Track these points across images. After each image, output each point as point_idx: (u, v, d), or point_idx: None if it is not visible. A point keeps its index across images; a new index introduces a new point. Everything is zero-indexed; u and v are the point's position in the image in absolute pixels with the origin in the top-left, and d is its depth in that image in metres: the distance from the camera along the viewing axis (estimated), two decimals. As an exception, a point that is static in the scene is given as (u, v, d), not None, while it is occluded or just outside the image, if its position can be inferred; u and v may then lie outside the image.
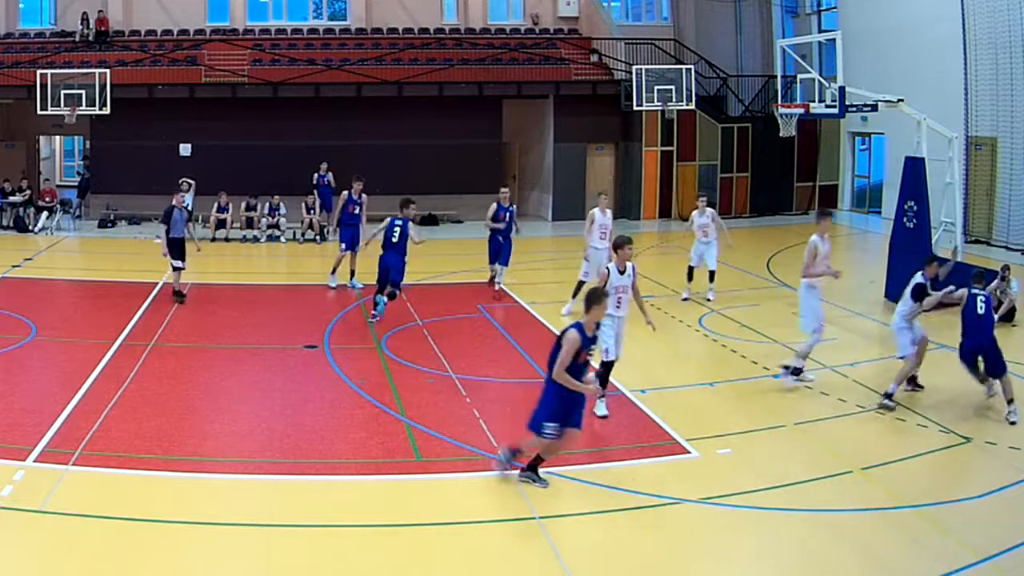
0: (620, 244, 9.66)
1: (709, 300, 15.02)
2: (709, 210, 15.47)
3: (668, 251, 21.02)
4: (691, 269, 15.40)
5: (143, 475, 7.99)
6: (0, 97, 24.18)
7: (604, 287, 8.65)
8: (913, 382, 10.64)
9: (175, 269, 14.73)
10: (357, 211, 15.93)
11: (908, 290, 10.58)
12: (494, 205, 15.70)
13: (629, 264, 9.63)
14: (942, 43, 21.07)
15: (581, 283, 13.83)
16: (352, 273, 16.00)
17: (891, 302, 14.78)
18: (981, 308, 10.18)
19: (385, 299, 13.33)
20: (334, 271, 16.07)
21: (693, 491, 7.84)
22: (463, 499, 7.84)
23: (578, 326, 7.58)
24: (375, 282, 13.76)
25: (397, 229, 13.45)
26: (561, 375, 7.49)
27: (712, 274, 15.27)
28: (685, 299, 15.08)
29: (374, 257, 13.92)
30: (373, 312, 13.42)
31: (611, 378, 10.88)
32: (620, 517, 7.33)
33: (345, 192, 16.07)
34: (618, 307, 9.59)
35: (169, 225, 14.63)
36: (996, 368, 9.89)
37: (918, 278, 10.51)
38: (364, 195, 16.11)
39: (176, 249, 14.71)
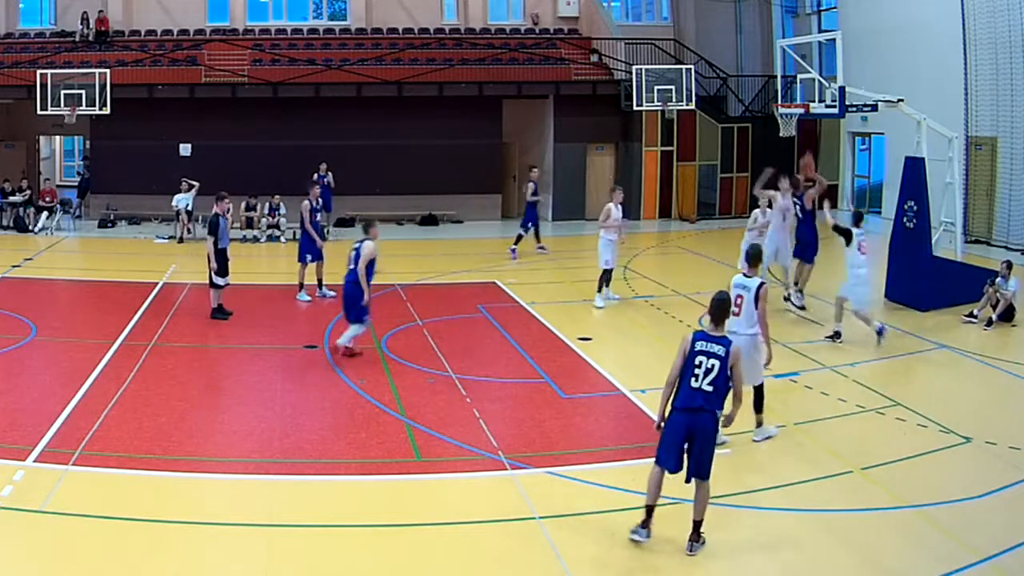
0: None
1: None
2: (771, 211, 14.50)
3: (668, 251, 21.04)
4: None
5: (143, 475, 7.99)
6: (0, 97, 24.18)
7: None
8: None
9: (215, 287, 13.68)
10: (319, 217, 15.60)
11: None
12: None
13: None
14: (942, 43, 21.06)
15: (605, 272, 14.63)
16: (320, 283, 15.16)
17: (891, 302, 14.83)
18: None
19: (348, 336, 11.71)
20: (302, 286, 15.07)
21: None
22: (463, 499, 7.84)
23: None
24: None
25: (353, 254, 11.61)
26: None
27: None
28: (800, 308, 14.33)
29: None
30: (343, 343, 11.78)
31: (610, 377, 10.94)
32: (620, 517, 7.32)
33: (306, 201, 15.29)
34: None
35: (217, 236, 13.63)
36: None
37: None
38: (321, 198, 15.95)
39: (223, 262, 13.72)
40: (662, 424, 6.94)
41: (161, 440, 8.78)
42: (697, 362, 6.75)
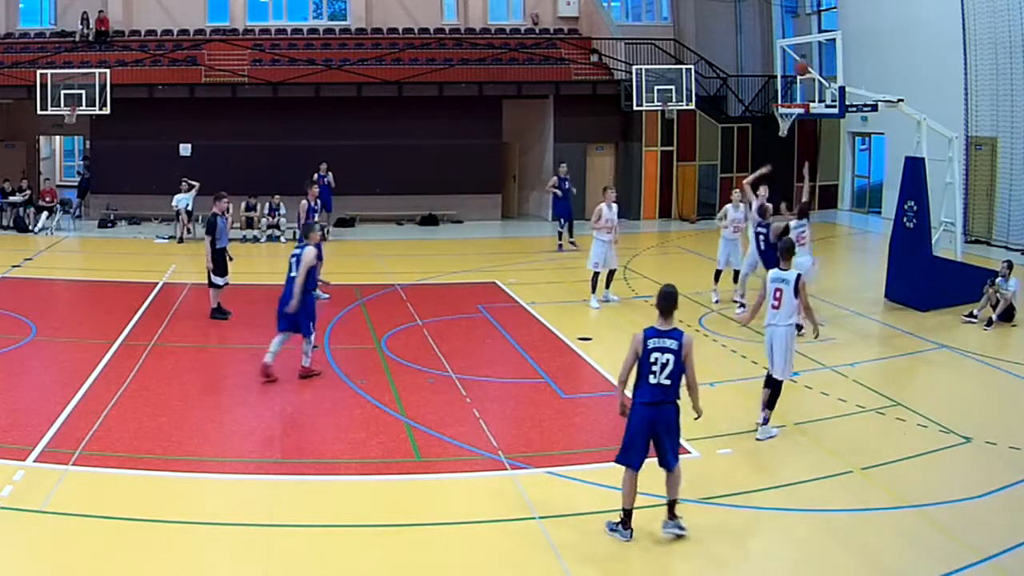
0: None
1: (736, 303, 14.46)
2: (743, 205, 14.85)
3: (668, 251, 21.03)
4: (718, 272, 14.99)
5: (143, 475, 8.00)
6: (0, 97, 24.17)
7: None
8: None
9: (214, 286, 13.65)
10: (316, 217, 15.42)
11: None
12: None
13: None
14: (942, 43, 21.06)
15: (596, 275, 14.53)
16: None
17: (891, 302, 14.82)
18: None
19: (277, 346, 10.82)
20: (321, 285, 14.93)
21: (693, 491, 7.83)
22: (463, 499, 7.84)
23: None
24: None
25: (293, 260, 10.78)
26: None
27: (737, 274, 14.69)
28: (716, 302, 14.77)
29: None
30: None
31: (610, 378, 10.91)
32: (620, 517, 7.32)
33: (304, 202, 15.41)
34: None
35: (215, 235, 13.61)
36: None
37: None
38: (321, 198, 15.76)
39: (221, 262, 13.70)
40: (626, 411, 7.08)
41: (161, 440, 8.78)
42: (652, 359, 6.87)
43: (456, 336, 13.02)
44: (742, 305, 13.98)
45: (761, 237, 13.51)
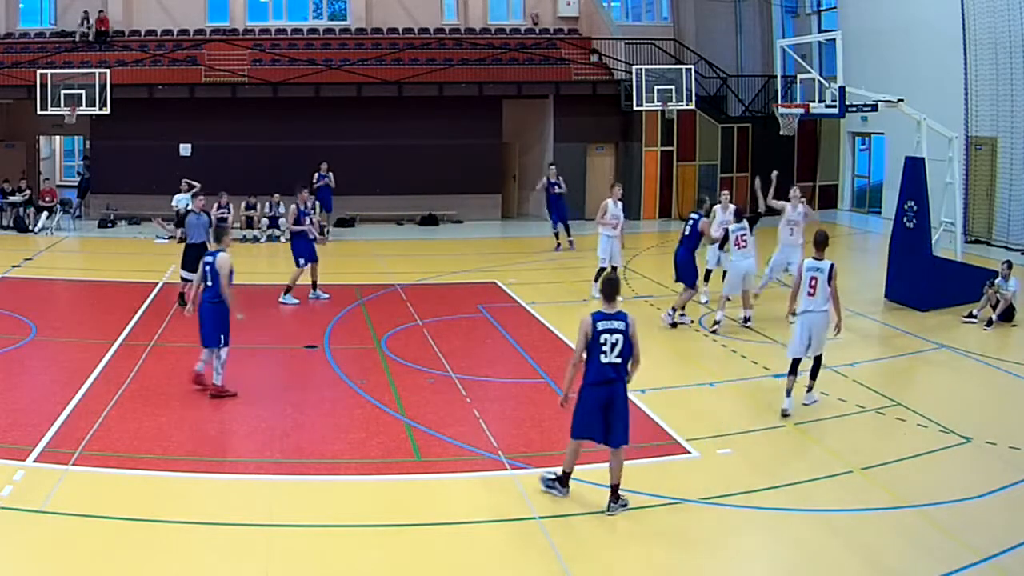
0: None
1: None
2: (732, 206, 14.68)
3: (668, 251, 20.98)
4: (708, 272, 14.92)
5: (143, 475, 7.99)
6: (0, 97, 24.17)
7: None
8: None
9: (184, 280, 13.78)
10: (308, 221, 15.23)
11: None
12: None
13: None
14: (942, 43, 21.06)
15: (602, 269, 14.54)
16: (314, 284, 15.07)
17: (891, 302, 14.83)
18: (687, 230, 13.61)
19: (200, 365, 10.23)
20: (289, 291, 14.79)
21: (693, 491, 7.84)
22: (463, 499, 7.84)
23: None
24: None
25: (206, 269, 10.09)
26: None
27: (707, 274, 14.95)
28: (705, 302, 14.67)
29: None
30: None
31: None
32: (620, 517, 7.33)
33: (293, 205, 15.26)
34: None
35: (185, 231, 13.93)
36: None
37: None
38: (309, 201, 15.61)
39: (189, 258, 13.59)
40: (566, 400, 7.55)
41: (161, 440, 8.78)
42: (603, 340, 7.31)
43: (456, 336, 13.02)
44: (748, 313, 13.60)
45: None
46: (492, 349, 12.53)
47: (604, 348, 7.29)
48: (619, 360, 7.34)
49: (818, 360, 9.85)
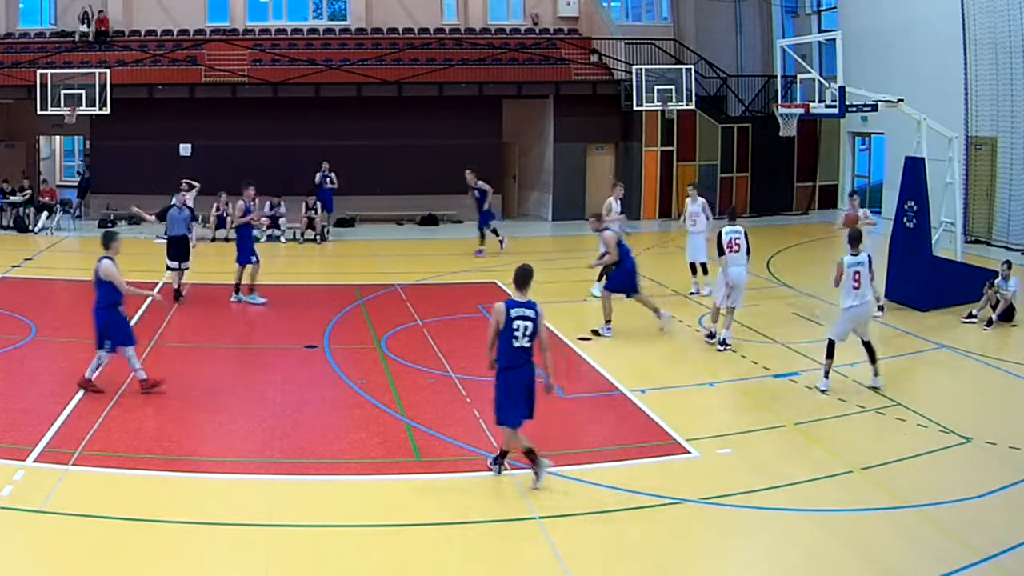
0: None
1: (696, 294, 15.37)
2: (700, 199, 15.99)
3: (668, 251, 21.01)
4: (692, 265, 15.70)
5: (143, 475, 8.00)
6: (0, 97, 24.17)
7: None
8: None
9: (169, 269, 14.82)
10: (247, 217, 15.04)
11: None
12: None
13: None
14: (942, 43, 21.07)
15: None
16: (251, 288, 14.76)
17: (891, 302, 14.82)
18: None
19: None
20: (247, 289, 14.72)
21: (693, 491, 7.84)
22: (463, 499, 7.84)
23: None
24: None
25: (94, 278, 10.02)
26: None
27: (704, 267, 15.56)
28: (693, 293, 15.42)
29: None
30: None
31: (610, 377, 10.94)
32: (620, 517, 7.33)
33: (241, 202, 15.00)
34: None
35: (167, 223, 14.88)
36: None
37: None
38: (257, 200, 15.60)
39: (175, 248, 14.81)
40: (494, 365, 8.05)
41: (161, 440, 8.79)
42: (516, 326, 7.85)
43: (456, 336, 13.01)
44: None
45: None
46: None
47: (517, 333, 7.81)
48: (528, 344, 7.87)
49: (869, 345, 10.54)
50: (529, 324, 7.87)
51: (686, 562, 6.87)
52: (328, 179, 21.82)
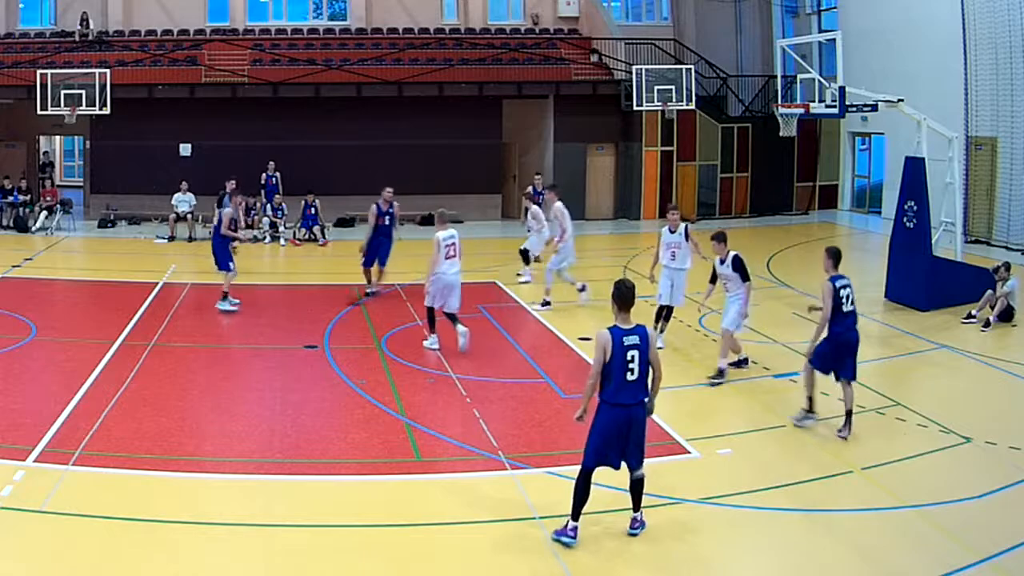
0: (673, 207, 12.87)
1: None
2: (683, 225, 12.63)
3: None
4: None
5: (143, 475, 7.99)
6: (0, 97, 24.17)
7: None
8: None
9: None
10: (234, 227, 14.65)
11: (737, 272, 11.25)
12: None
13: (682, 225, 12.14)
14: (942, 43, 21.07)
15: (662, 307, 12.49)
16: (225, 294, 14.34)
17: (891, 302, 14.83)
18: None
19: None
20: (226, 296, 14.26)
21: (693, 491, 7.84)
22: (463, 499, 7.84)
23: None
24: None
25: None
26: None
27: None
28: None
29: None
30: None
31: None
32: (620, 517, 7.32)
33: (228, 209, 14.58)
34: (673, 259, 12.21)
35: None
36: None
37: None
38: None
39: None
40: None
41: (161, 440, 8.78)
42: (629, 356, 6.81)
43: (456, 336, 12.99)
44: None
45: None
46: (492, 349, 12.49)
47: (631, 366, 6.74)
48: (637, 379, 6.80)
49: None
50: (637, 354, 6.75)
51: (686, 562, 6.87)
52: (272, 179, 21.87)
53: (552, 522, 7.26)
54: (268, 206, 21.91)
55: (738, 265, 11.11)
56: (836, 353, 9.18)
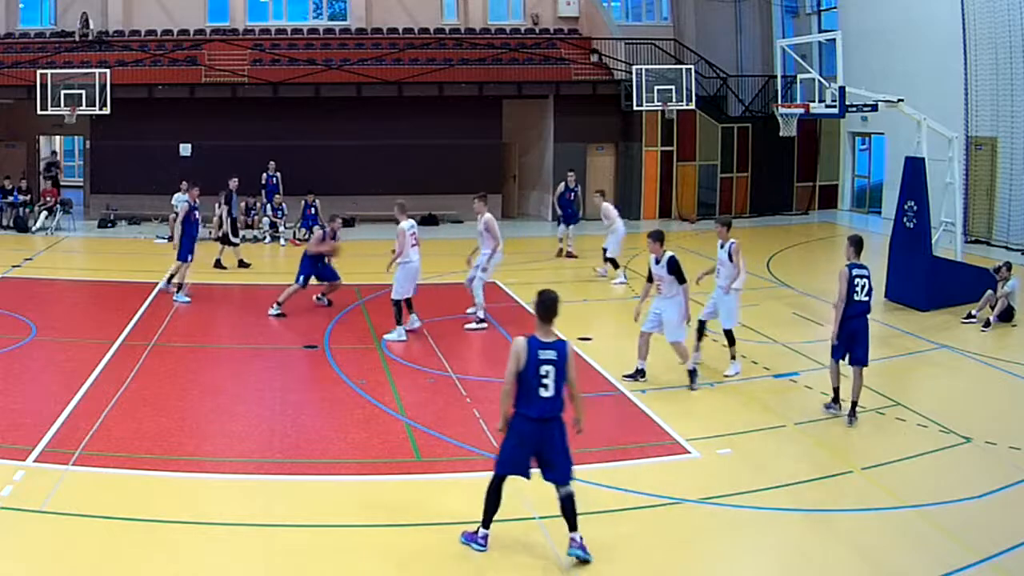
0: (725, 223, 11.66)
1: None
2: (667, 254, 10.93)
3: (668, 251, 21.00)
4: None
5: (143, 475, 7.99)
6: (0, 97, 24.18)
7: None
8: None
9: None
10: (198, 216, 15.06)
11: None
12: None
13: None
14: (942, 43, 21.07)
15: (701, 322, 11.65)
16: (180, 286, 14.78)
17: (891, 302, 14.83)
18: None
19: None
20: (181, 288, 14.73)
21: (693, 491, 7.84)
22: (463, 499, 7.83)
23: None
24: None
25: None
26: None
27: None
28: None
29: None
30: None
31: (610, 377, 10.92)
32: (620, 517, 7.33)
33: (185, 203, 15.01)
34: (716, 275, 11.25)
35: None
36: None
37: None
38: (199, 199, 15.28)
39: None
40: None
41: (161, 440, 8.78)
42: (543, 371, 6.77)
43: (456, 336, 13.02)
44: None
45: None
46: (492, 349, 12.49)
47: (544, 381, 6.59)
48: (552, 395, 6.56)
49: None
50: (552, 369, 6.58)
51: (686, 562, 6.87)
52: (273, 179, 21.87)
53: (552, 522, 7.26)
54: (268, 206, 21.95)
55: (673, 267, 10.57)
56: (846, 338, 9.52)
